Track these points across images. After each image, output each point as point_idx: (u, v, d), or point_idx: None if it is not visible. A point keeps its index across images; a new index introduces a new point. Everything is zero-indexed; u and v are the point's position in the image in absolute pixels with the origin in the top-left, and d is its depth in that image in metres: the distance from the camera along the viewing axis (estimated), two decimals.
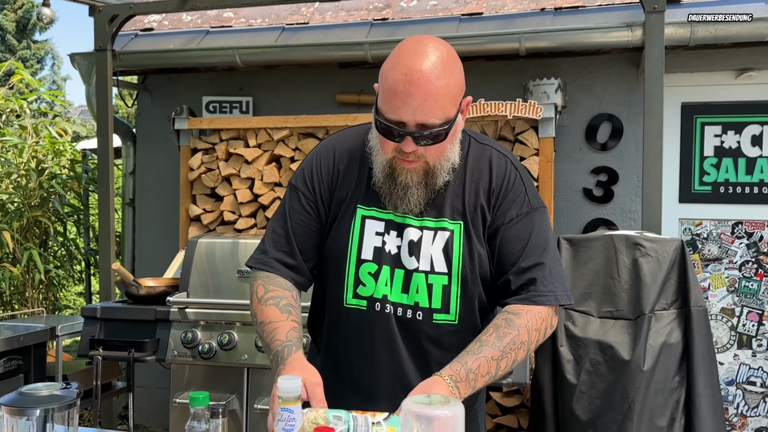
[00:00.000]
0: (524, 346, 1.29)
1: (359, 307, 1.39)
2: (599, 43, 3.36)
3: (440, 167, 1.33)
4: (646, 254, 2.57)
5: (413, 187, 1.32)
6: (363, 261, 1.38)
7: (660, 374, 2.47)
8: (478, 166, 1.40)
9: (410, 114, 1.23)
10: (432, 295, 1.36)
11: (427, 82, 1.22)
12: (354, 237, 1.39)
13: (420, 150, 1.28)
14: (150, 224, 4.29)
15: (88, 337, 2.96)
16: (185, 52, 3.86)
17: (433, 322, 1.37)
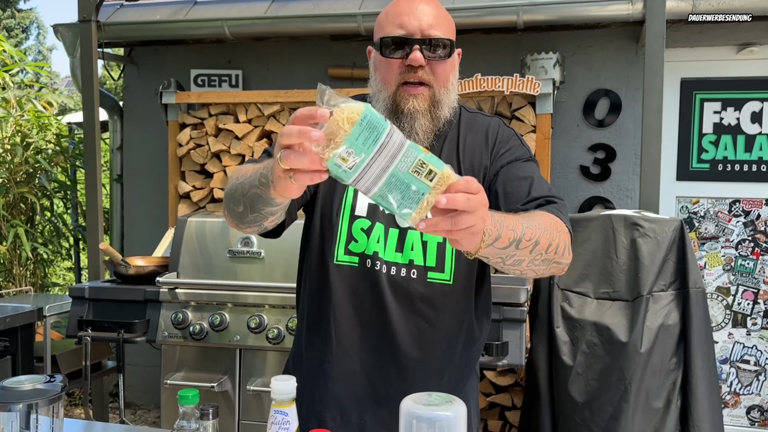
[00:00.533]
0: (546, 234, 1.15)
1: (350, 263, 1.34)
2: (599, 17, 3.27)
3: (445, 98, 1.31)
4: (644, 234, 2.53)
5: (420, 115, 1.29)
6: (356, 217, 1.34)
7: (657, 356, 2.44)
8: (472, 128, 1.40)
9: (417, 24, 1.27)
10: (426, 253, 1.32)
11: (428, 4, 1.30)
12: (348, 192, 1.35)
13: (427, 68, 1.28)
14: (139, 201, 4.21)
15: (77, 318, 2.91)
16: (172, 24, 3.74)
17: (427, 281, 1.32)
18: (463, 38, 3.67)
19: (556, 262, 1.20)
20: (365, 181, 0.88)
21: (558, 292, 2.59)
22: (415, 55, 1.26)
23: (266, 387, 2.73)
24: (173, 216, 3.70)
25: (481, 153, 1.37)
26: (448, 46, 1.29)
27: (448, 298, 1.34)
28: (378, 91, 1.33)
